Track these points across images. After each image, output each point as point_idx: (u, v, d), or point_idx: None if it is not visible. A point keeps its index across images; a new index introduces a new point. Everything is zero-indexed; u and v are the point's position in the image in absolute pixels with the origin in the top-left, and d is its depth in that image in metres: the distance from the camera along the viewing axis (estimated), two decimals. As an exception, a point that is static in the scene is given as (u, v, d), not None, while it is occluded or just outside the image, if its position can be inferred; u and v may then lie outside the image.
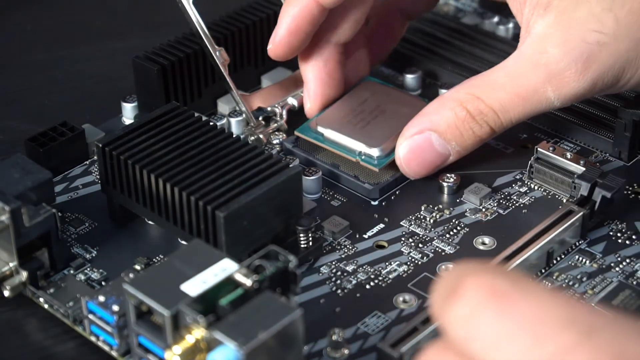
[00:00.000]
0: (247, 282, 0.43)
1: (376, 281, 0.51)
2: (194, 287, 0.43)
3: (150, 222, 0.54)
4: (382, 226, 0.54)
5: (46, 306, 0.50)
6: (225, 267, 0.44)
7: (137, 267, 0.51)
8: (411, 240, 0.53)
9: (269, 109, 0.60)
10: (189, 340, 0.42)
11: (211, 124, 0.53)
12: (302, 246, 0.52)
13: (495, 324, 0.33)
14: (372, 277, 0.51)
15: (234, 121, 0.60)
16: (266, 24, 0.63)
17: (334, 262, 0.52)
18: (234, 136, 0.53)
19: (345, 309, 0.50)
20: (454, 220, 0.54)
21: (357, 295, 0.50)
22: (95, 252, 0.53)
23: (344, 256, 0.53)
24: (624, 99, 0.58)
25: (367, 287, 0.51)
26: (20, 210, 0.48)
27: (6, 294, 0.50)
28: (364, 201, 0.56)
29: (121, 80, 0.65)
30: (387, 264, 0.52)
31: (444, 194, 0.56)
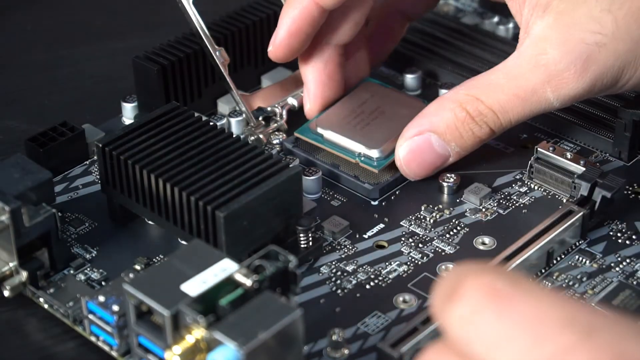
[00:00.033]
0: (247, 282, 0.43)
1: (376, 281, 0.51)
2: (194, 287, 0.43)
3: (150, 222, 0.54)
4: (382, 226, 0.54)
5: (46, 306, 0.50)
6: (225, 267, 0.44)
7: (137, 267, 0.51)
8: (411, 240, 0.53)
9: (269, 109, 0.60)
10: (189, 340, 0.42)
11: (211, 124, 0.53)
12: (302, 246, 0.52)
13: (495, 324, 0.33)
14: (372, 277, 0.51)
15: (234, 121, 0.60)
16: (266, 24, 0.63)
17: (334, 262, 0.52)
18: (234, 136, 0.53)
19: (345, 309, 0.50)
20: (454, 220, 0.54)
21: (357, 295, 0.50)
22: (95, 252, 0.53)
23: (344, 256, 0.53)
24: (624, 99, 0.58)
25: (367, 287, 0.51)
26: (20, 210, 0.48)
27: (6, 294, 0.50)
28: (364, 201, 0.56)
29: (121, 80, 0.65)
30: (387, 264, 0.52)
31: (444, 194, 0.56)
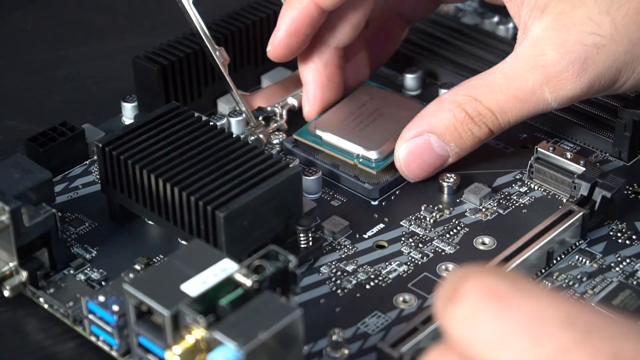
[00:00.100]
0: (247, 282, 0.43)
1: (376, 281, 0.51)
2: (194, 287, 0.43)
3: (150, 222, 0.54)
4: (382, 226, 0.54)
5: (46, 306, 0.50)
6: (225, 267, 0.44)
7: (137, 267, 0.51)
8: (411, 240, 0.53)
9: (269, 108, 0.60)
10: (189, 340, 0.42)
11: (211, 124, 0.53)
12: (302, 246, 0.52)
13: (494, 323, 0.33)
14: (372, 277, 0.51)
15: (234, 121, 0.60)
16: (266, 24, 0.63)
17: (334, 262, 0.52)
18: (234, 136, 0.53)
19: (345, 309, 0.50)
20: (454, 220, 0.54)
21: (357, 295, 0.50)
22: (95, 252, 0.53)
23: (344, 256, 0.53)
24: (624, 98, 0.58)
25: (367, 287, 0.51)
26: (20, 210, 0.48)
27: (6, 294, 0.50)
28: (364, 201, 0.56)
29: (121, 80, 0.65)
30: (387, 264, 0.52)
31: (444, 194, 0.56)
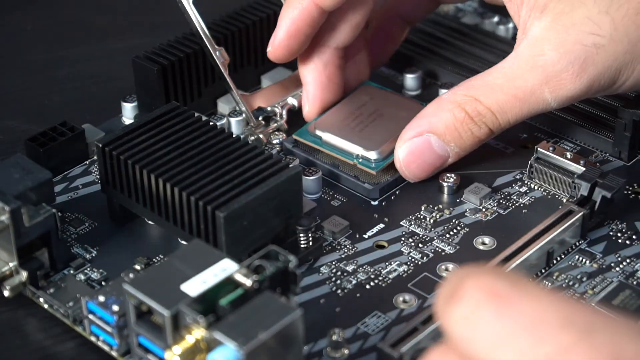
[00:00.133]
0: (247, 282, 0.43)
1: (376, 281, 0.51)
2: (194, 287, 0.43)
3: (150, 222, 0.54)
4: (382, 226, 0.54)
5: (46, 306, 0.50)
6: (225, 267, 0.44)
7: (137, 267, 0.51)
8: (411, 240, 0.53)
9: (269, 108, 0.60)
10: (189, 340, 0.42)
11: (211, 124, 0.53)
12: (302, 246, 0.52)
13: (494, 323, 0.33)
14: (372, 277, 0.51)
15: (234, 121, 0.60)
16: (266, 24, 0.63)
17: (334, 262, 0.52)
18: (234, 136, 0.53)
19: (345, 309, 0.50)
20: (454, 220, 0.54)
21: (357, 295, 0.50)
22: (95, 252, 0.53)
23: (344, 256, 0.53)
24: (624, 98, 0.58)
25: (367, 287, 0.51)
26: (20, 210, 0.48)
27: (6, 294, 0.50)
28: (364, 201, 0.56)
29: (121, 80, 0.65)
30: (387, 264, 0.52)
31: (444, 194, 0.56)
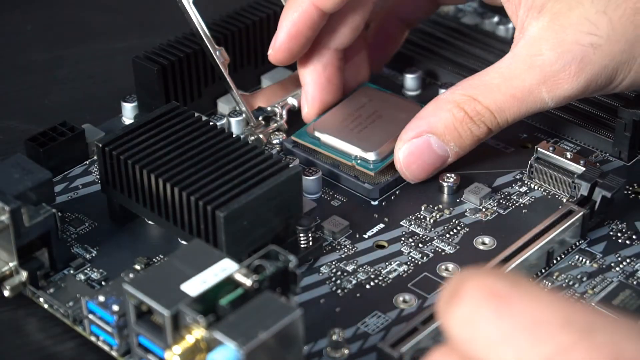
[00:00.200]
0: (247, 282, 0.43)
1: (376, 281, 0.51)
2: (194, 287, 0.43)
3: (150, 222, 0.54)
4: (382, 226, 0.54)
5: (46, 306, 0.50)
6: (225, 267, 0.44)
7: (137, 267, 0.51)
8: (411, 240, 0.53)
9: (269, 108, 0.60)
10: (189, 340, 0.42)
11: (211, 124, 0.53)
12: (302, 246, 0.52)
13: (494, 324, 0.33)
14: (372, 277, 0.51)
15: (234, 121, 0.60)
16: (266, 24, 0.63)
17: (334, 262, 0.52)
18: (234, 136, 0.53)
19: (345, 309, 0.50)
20: (454, 220, 0.54)
21: (357, 295, 0.50)
22: (95, 252, 0.53)
23: (344, 256, 0.53)
24: (624, 98, 0.58)
25: (367, 287, 0.51)
26: (20, 210, 0.48)
27: (6, 294, 0.50)
28: (364, 201, 0.56)
29: (121, 80, 0.65)
30: (387, 264, 0.52)
31: (444, 194, 0.56)
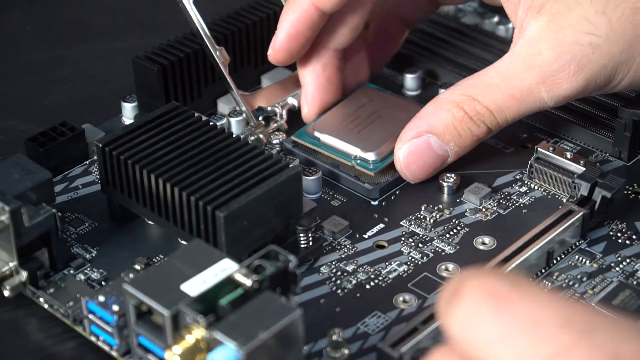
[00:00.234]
0: (247, 282, 0.43)
1: (376, 281, 0.51)
2: (194, 287, 0.43)
3: (150, 222, 0.54)
4: (382, 226, 0.54)
5: (46, 306, 0.50)
6: (225, 267, 0.44)
7: (137, 267, 0.51)
8: (411, 240, 0.53)
9: (269, 108, 0.60)
10: (189, 340, 0.42)
11: (211, 124, 0.53)
12: (302, 246, 0.52)
13: (494, 324, 0.33)
14: (372, 277, 0.51)
15: (234, 121, 0.60)
16: (266, 24, 0.63)
17: (334, 262, 0.52)
18: (234, 136, 0.53)
19: (345, 309, 0.50)
20: (454, 220, 0.54)
21: (357, 295, 0.50)
22: (95, 252, 0.53)
23: (344, 256, 0.53)
24: (624, 98, 0.58)
25: (367, 287, 0.51)
26: (20, 210, 0.48)
27: (6, 294, 0.50)
28: (364, 201, 0.56)
29: (121, 80, 0.65)
30: (387, 264, 0.52)
31: (444, 194, 0.56)
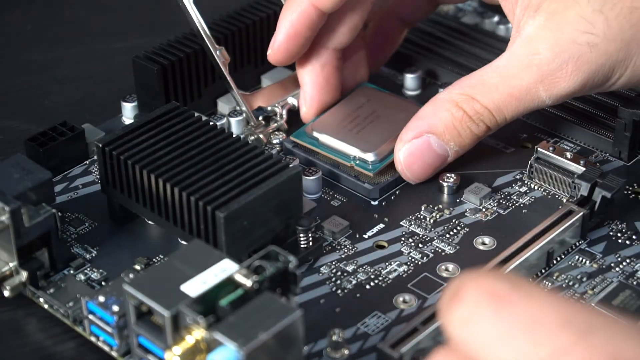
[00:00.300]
0: (247, 282, 0.43)
1: (376, 281, 0.51)
2: (194, 287, 0.43)
3: (150, 222, 0.54)
4: (382, 226, 0.54)
5: (46, 306, 0.50)
6: (225, 268, 0.44)
7: (137, 267, 0.51)
8: (411, 240, 0.53)
9: (269, 108, 0.60)
10: (189, 340, 0.42)
11: (211, 124, 0.53)
12: (302, 246, 0.52)
13: (493, 324, 0.33)
14: (372, 277, 0.51)
15: (234, 121, 0.60)
16: (266, 24, 0.63)
17: (334, 262, 0.52)
18: (234, 136, 0.53)
19: (345, 309, 0.50)
20: (454, 220, 0.54)
21: (357, 295, 0.50)
22: (95, 252, 0.53)
23: (344, 256, 0.53)
24: (624, 98, 0.58)
25: (367, 287, 0.51)
26: (20, 210, 0.48)
27: (6, 294, 0.50)
28: (364, 201, 0.56)
29: (121, 80, 0.65)
30: (387, 264, 0.52)
31: (444, 194, 0.56)
